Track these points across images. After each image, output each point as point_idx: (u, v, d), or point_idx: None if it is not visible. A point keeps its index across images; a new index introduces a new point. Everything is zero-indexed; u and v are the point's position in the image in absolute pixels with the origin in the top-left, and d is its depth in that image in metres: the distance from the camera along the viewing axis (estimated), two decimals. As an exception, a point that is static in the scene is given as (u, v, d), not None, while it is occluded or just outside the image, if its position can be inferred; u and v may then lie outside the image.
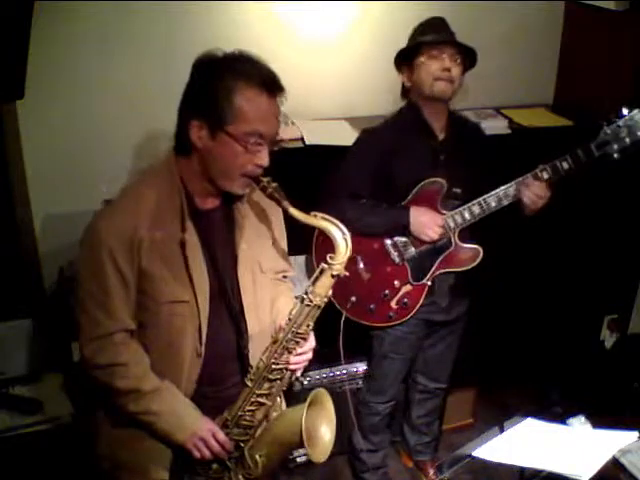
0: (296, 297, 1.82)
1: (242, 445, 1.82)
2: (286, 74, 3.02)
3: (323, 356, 2.71)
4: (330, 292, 1.76)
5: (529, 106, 3.48)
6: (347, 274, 1.75)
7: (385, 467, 3.01)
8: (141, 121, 2.81)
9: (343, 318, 2.54)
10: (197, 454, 1.74)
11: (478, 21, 3.27)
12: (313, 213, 1.74)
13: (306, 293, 1.75)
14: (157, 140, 2.70)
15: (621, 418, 2.37)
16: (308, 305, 1.74)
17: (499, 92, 3.42)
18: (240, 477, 1.83)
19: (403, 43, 2.51)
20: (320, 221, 1.73)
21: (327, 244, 1.77)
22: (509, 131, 3.23)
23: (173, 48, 2.77)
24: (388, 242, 2.56)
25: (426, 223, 2.47)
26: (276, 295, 1.93)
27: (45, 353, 2.64)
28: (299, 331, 1.76)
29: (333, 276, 1.73)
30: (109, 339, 1.69)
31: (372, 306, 2.60)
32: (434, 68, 2.41)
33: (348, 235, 1.74)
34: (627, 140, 2.35)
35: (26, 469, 2.36)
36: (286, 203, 1.71)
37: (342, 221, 2.39)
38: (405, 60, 2.49)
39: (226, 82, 1.62)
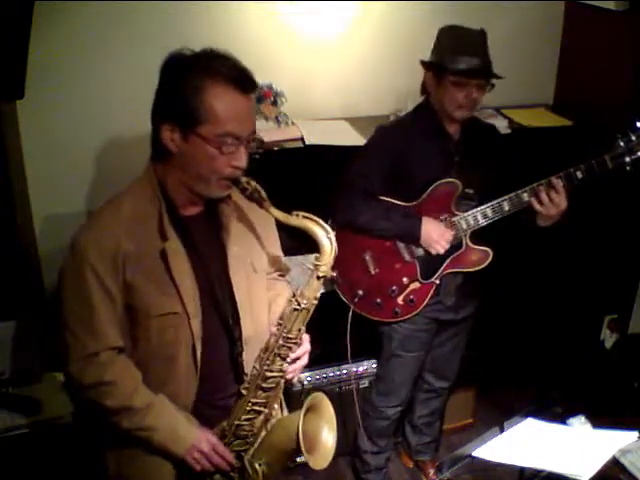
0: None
1: (243, 455, 1.78)
2: (286, 74, 3.07)
3: (326, 355, 2.73)
4: (319, 294, 1.69)
5: (529, 106, 3.48)
6: (334, 275, 1.70)
7: (386, 467, 3.01)
8: (141, 121, 2.79)
9: (350, 313, 2.56)
10: (197, 467, 1.69)
11: (478, 21, 3.25)
12: (295, 212, 1.65)
13: (294, 296, 1.69)
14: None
15: (621, 418, 2.37)
16: (296, 309, 1.68)
17: (499, 92, 3.40)
18: (243, 487, 1.78)
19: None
20: (302, 221, 1.64)
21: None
22: (509, 131, 3.22)
23: (173, 48, 2.75)
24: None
25: (436, 239, 2.47)
26: (273, 296, 1.88)
27: (45, 353, 2.63)
28: (290, 336, 1.70)
29: (319, 278, 1.66)
30: (95, 358, 1.63)
31: (379, 300, 2.59)
32: (459, 96, 2.38)
33: (332, 234, 1.66)
34: None
35: (26, 469, 2.36)
36: (267, 204, 1.64)
37: (355, 223, 2.46)
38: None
39: (195, 81, 1.54)
